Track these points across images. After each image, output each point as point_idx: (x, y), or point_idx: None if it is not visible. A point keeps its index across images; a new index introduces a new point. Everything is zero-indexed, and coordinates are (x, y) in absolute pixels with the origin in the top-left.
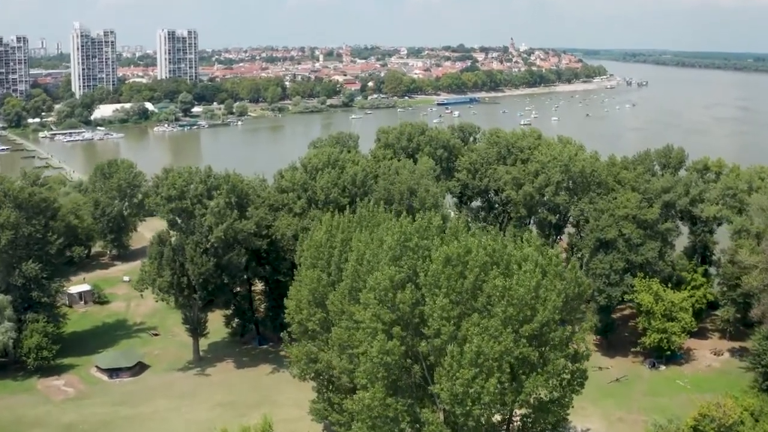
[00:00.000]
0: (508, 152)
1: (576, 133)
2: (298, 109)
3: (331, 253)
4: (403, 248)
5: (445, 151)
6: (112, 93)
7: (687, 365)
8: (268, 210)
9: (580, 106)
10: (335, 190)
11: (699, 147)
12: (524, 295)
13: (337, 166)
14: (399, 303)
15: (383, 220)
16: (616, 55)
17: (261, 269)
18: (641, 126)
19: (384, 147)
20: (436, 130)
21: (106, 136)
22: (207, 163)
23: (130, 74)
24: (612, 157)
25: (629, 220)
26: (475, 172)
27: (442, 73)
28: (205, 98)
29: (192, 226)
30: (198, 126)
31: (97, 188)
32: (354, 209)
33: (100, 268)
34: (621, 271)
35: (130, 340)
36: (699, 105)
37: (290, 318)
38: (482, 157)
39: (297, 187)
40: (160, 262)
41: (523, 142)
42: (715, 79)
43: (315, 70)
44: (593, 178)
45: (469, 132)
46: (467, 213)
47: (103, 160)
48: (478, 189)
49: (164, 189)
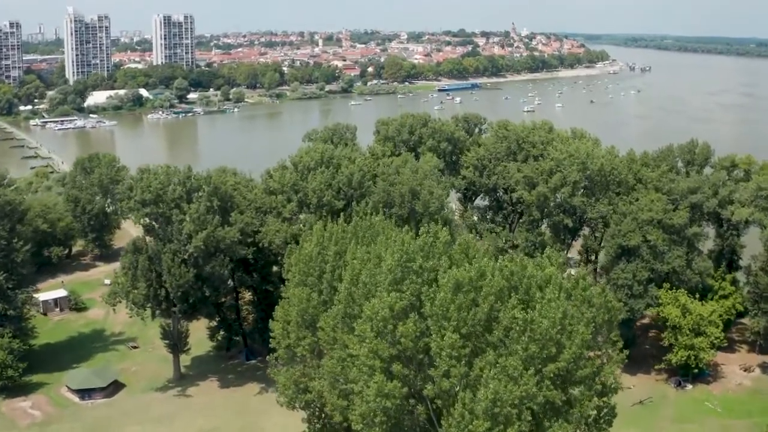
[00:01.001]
0: (518, 147)
1: (581, 121)
2: (296, 95)
3: (322, 269)
4: (404, 270)
5: (449, 144)
6: (107, 79)
7: (715, 383)
8: (255, 213)
9: (584, 92)
10: (329, 193)
11: (707, 136)
12: (549, 328)
13: (332, 164)
14: (400, 337)
15: (382, 230)
16: (617, 40)
17: (248, 278)
18: (647, 113)
19: (383, 140)
20: (439, 122)
21: (99, 124)
22: (202, 152)
23: (127, 59)
24: (631, 152)
25: (654, 225)
26: (483, 169)
27: (443, 59)
28: (201, 84)
29: (169, 233)
30: (193, 113)
31: (77, 184)
32: (350, 212)
33: (81, 269)
34: (645, 281)
35: (107, 354)
36: (704, 91)
37: (276, 343)
38: (490, 152)
39: (287, 189)
40: (135, 272)
41: (535, 136)
42: (718, 64)
43: (314, 55)
44: (613, 177)
45: (474, 123)
46: (473, 212)
47: (94, 148)
48: (485, 187)
49: (138, 192)
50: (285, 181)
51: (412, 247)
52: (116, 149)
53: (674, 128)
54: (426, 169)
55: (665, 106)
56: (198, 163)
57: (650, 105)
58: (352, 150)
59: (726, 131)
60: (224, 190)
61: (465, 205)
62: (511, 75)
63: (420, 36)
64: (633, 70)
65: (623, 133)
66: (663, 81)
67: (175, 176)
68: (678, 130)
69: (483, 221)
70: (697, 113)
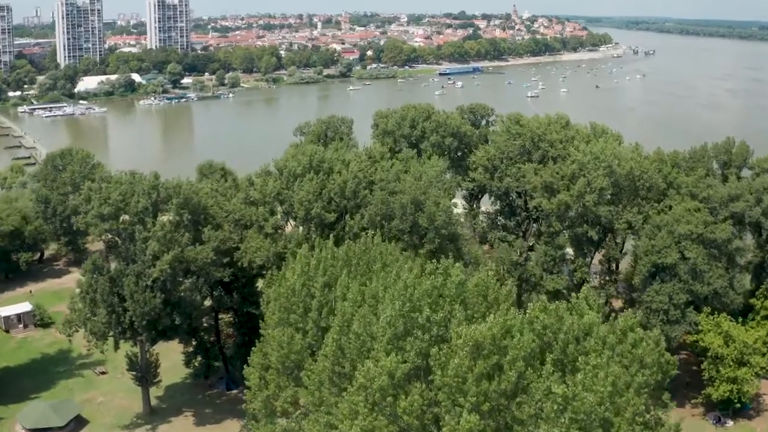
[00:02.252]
0: (534, 146)
1: (588, 107)
2: (293, 79)
3: (307, 305)
4: (408, 322)
5: (454, 139)
6: (99, 64)
7: (758, 418)
8: (233, 227)
9: (588, 76)
10: (318, 204)
11: (719, 124)
12: (595, 406)
13: (322, 170)
14: (402, 413)
15: (379, 256)
16: (618, 22)
17: (227, 298)
18: (655, 99)
19: (382, 135)
20: (443, 115)
21: (88, 111)
22: (192, 142)
23: (122, 43)
24: (659, 152)
25: (693, 240)
26: (494, 171)
27: (444, 42)
28: (196, 69)
29: (132, 253)
30: (186, 99)
31: (48, 182)
32: (343, 225)
33: (53, 276)
34: (683, 304)
35: (71, 381)
36: (710, 76)
37: (252, 395)
38: (502, 151)
39: (269, 200)
40: (94, 296)
41: (553, 134)
42: (721, 48)
43: (312, 38)
44: (642, 182)
45: (481, 114)
46: (483, 218)
47: (81, 137)
48: (497, 191)
49: (96, 204)
50: (267, 191)
51: (417, 292)
52: (104, 139)
53: (685, 114)
54: (431, 175)
55: (673, 91)
56: (188, 155)
57: (657, 90)
58: (347, 147)
59: (737, 118)
60: (197, 202)
61: (471, 204)
62: (513, 58)
63: (420, 18)
64: (636, 53)
65: (633, 121)
66: (667, 65)
67: (139, 185)
68: (690, 117)
69: (494, 228)
70: (707, 99)
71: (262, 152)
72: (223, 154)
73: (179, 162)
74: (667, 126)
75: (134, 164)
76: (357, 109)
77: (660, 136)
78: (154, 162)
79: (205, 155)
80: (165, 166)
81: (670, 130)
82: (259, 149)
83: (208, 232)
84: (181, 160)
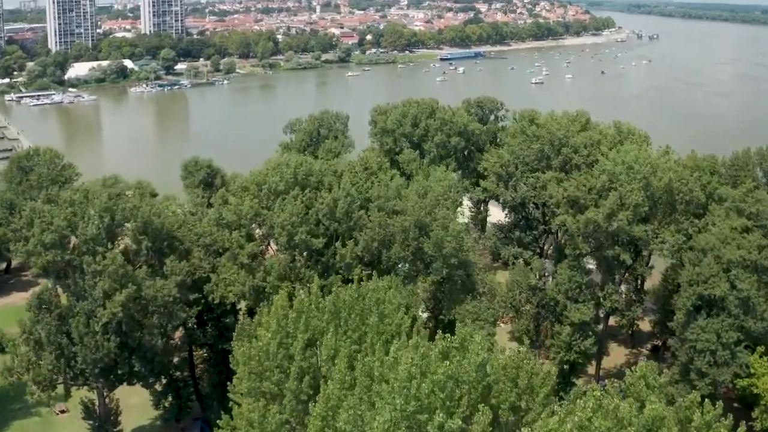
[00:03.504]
0: (554, 151)
1: (595, 94)
2: (290, 65)
3: (285, 368)
4: (413, 427)
5: (461, 139)
6: (91, 49)
7: None
8: (204, 254)
9: (593, 61)
10: (304, 228)
11: (732, 113)
12: None
13: (309, 185)
14: None
15: (375, 306)
16: (620, 6)
17: (200, 333)
18: (663, 85)
19: (381, 134)
20: (449, 111)
21: (77, 99)
22: (182, 134)
23: (118, 27)
24: (693, 156)
25: (745, 267)
26: (508, 179)
27: (444, 26)
28: (191, 54)
29: (81, 289)
30: (179, 86)
31: (13, 186)
32: (333, 253)
33: (20, 289)
34: (732, 344)
35: (25, 421)
36: (717, 61)
37: None
38: (517, 156)
39: (245, 222)
40: (39, 338)
41: (577, 138)
42: (725, 32)
43: (311, 22)
44: (682, 196)
45: (489, 108)
46: (495, 232)
47: (68, 127)
48: (511, 202)
49: (37, 231)
50: (243, 212)
51: (424, 385)
52: (91, 129)
53: (697, 102)
54: (438, 192)
55: (680, 77)
56: (179, 147)
57: (664, 76)
58: (342, 147)
59: (748, 105)
60: (159, 225)
61: (478, 206)
62: (516, 43)
63: (420, 1)
64: (640, 38)
65: (643, 109)
66: (672, 50)
67: (92, 207)
68: (702, 104)
69: (507, 242)
70: (715, 86)
71: (256, 144)
72: (216, 147)
73: (169, 155)
74: (679, 114)
75: (121, 158)
76: (355, 98)
77: (675, 127)
78: (142, 156)
79: (196, 148)
80: (153, 160)
81: (684, 119)
82: (253, 141)
83: (171, 264)
84: (171, 153)
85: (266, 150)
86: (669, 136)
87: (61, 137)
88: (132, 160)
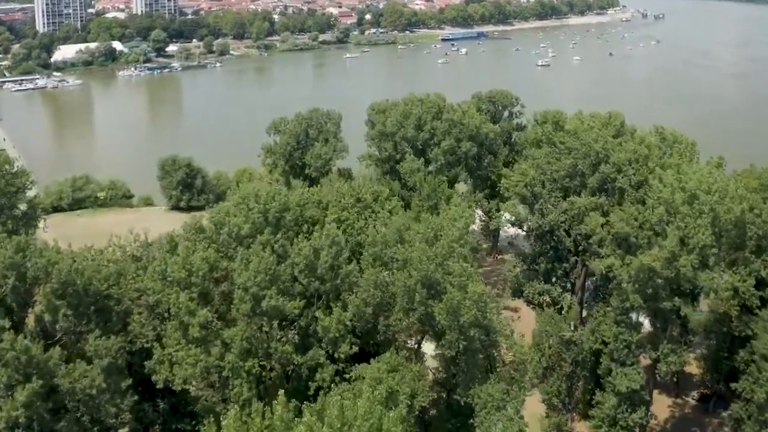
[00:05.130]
0: (590, 166)
1: (606, 78)
2: (286, 46)
3: None
4: None
5: (473, 144)
6: (80, 31)
7: None
8: (147, 316)
9: (599, 42)
10: (274, 290)
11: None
12: None
13: (283, 226)
14: None
15: None
16: None
17: (150, 409)
18: (676, 68)
19: (379, 138)
20: (458, 110)
21: (61, 84)
22: (168, 124)
23: (111, 7)
24: (752, 171)
25: None
26: (533, 200)
27: (446, 4)
28: (183, 35)
29: None
30: (170, 69)
31: None
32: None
33: None
34: None
35: None
36: (726, 42)
37: None
38: (543, 171)
39: (197, 280)
40: None
41: (620, 153)
42: (730, 11)
43: (308, 1)
44: (755, 230)
45: (502, 104)
46: (517, 263)
47: (48, 114)
48: (538, 230)
49: None
50: (195, 266)
51: None
52: (73, 117)
53: (713, 86)
54: (453, 236)
55: (692, 59)
56: (161, 138)
57: (675, 58)
58: (334, 152)
59: None
60: (83, 285)
61: (489, 214)
62: (519, 22)
63: None
64: (645, 17)
65: (658, 95)
66: (679, 30)
67: None
68: (719, 90)
69: (532, 277)
70: (729, 68)
71: (246, 136)
72: (203, 138)
73: (153, 146)
74: (697, 100)
75: (102, 149)
76: (353, 82)
77: (696, 114)
78: (124, 147)
79: (182, 139)
80: (135, 152)
81: (704, 105)
82: (244, 132)
83: (95, 343)
84: (155, 145)
85: (257, 141)
86: (701, 133)
87: (40, 126)
88: (114, 151)
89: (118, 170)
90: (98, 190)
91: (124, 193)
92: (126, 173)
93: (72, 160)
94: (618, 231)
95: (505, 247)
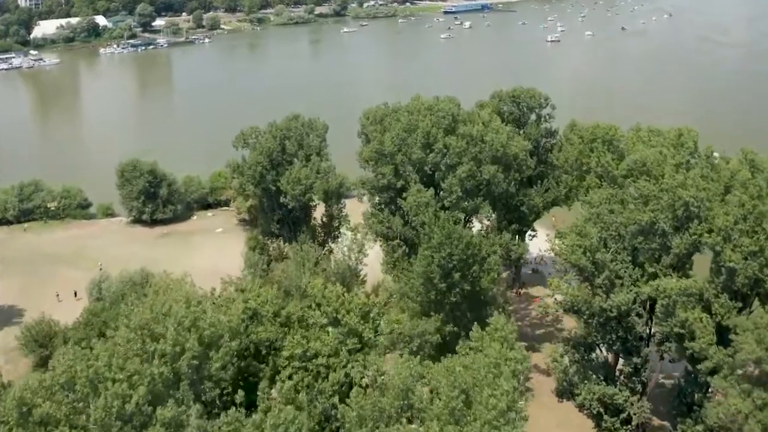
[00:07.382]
0: (676, 223)
1: (622, 56)
2: (280, 20)
3: None
4: None
5: (499, 168)
6: (63, 5)
7: None
8: None
9: (609, 15)
10: None
11: None
12: None
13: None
14: None
15: None
16: None
17: None
18: (693, 45)
19: (376, 160)
20: (478, 121)
21: (37, 64)
22: (147, 116)
23: None
24: None
25: None
26: (595, 271)
27: None
28: (172, 8)
29: None
30: (154, 45)
31: None
32: None
33: None
34: None
35: None
36: (741, 17)
37: None
38: (607, 227)
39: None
40: None
41: (726, 209)
42: None
43: None
44: None
45: (528, 105)
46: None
47: (25, 96)
48: (602, 315)
49: None
50: None
51: None
52: (45, 102)
53: (737, 64)
54: (491, 413)
55: (707, 35)
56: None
57: (690, 33)
58: (317, 176)
59: None
60: None
61: (512, 238)
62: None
63: None
64: None
65: (680, 76)
66: (692, 4)
67: None
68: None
69: (587, 374)
70: (749, 46)
71: (231, 127)
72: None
73: (124, 140)
74: (725, 81)
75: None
76: (351, 59)
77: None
78: (92, 140)
79: (155, 133)
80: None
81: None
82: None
83: None
84: (127, 138)
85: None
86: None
87: (6, 113)
88: (76, 149)
89: (77, 173)
90: (49, 199)
91: (79, 203)
92: (88, 176)
93: (23, 161)
94: (746, 356)
95: (528, 275)
